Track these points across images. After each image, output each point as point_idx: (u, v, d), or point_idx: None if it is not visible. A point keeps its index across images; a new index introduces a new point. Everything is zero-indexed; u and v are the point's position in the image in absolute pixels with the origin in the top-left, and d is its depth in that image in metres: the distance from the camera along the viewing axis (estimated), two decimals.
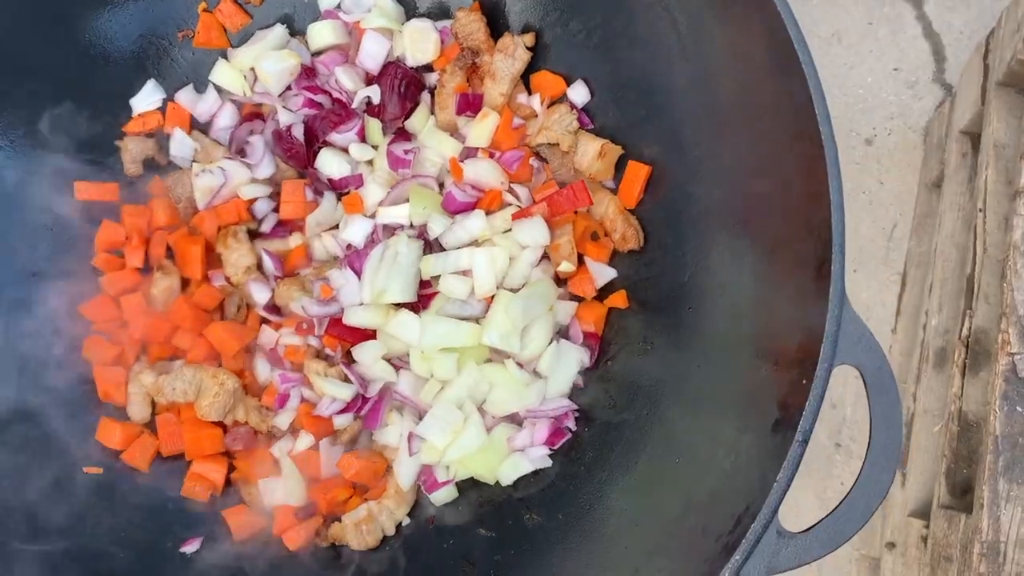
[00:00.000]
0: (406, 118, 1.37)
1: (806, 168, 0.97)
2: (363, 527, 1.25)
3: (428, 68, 1.39)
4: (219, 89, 1.41)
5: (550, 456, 1.28)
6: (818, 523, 0.91)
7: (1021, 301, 1.28)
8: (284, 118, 1.36)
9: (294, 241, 1.36)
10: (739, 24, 1.09)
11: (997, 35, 1.54)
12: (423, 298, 1.29)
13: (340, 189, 1.36)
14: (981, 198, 1.45)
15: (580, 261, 1.32)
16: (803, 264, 0.98)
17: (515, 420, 1.30)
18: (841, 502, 0.92)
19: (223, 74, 1.39)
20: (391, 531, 1.28)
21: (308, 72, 1.38)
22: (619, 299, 1.31)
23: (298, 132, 1.36)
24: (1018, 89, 1.47)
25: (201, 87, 1.42)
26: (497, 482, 1.28)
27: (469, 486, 1.31)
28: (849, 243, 1.55)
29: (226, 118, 1.39)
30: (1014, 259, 1.30)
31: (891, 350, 1.76)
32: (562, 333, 1.32)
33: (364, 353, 1.28)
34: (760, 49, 1.05)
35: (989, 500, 1.24)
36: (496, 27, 1.37)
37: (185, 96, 1.40)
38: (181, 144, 1.38)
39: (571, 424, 1.29)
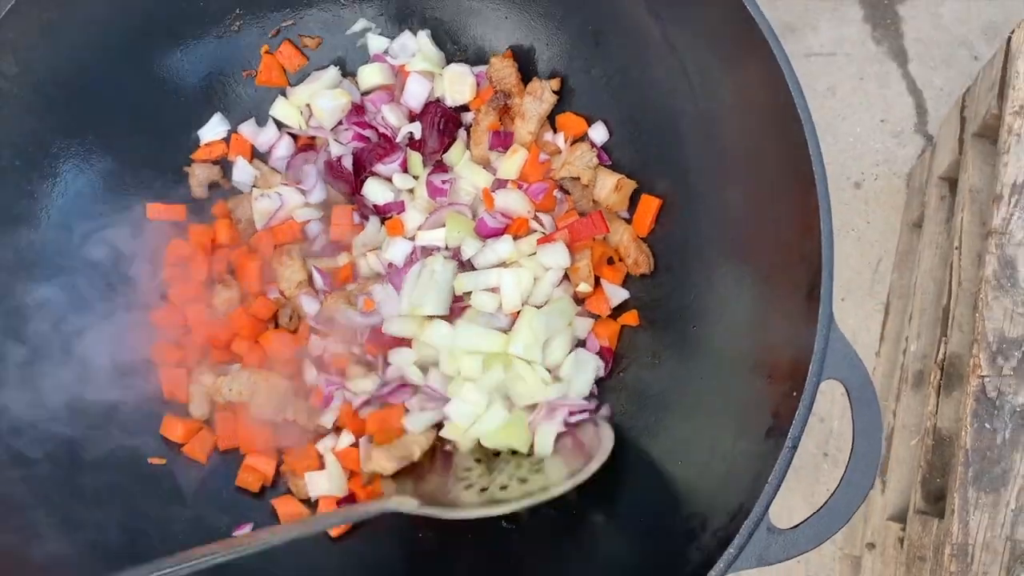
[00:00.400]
0: (444, 152, 1.45)
1: (800, 204, 1.04)
2: None
3: (464, 108, 1.47)
4: (278, 123, 1.48)
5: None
6: (804, 521, 0.97)
7: (991, 329, 1.34)
8: (335, 150, 1.45)
9: (342, 260, 1.42)
10: (745, 77, 1.16)
11: (973, 92, 1.61)
12: (455, 311, 1.36)
13: (384, 214, 1.43)
14: (957, 237, 1.51)
15: (597, 283, 1.38)
16: (796, 289, 1.04)
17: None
18: (826, 502, 0.98)
19: (281, 109, 1.47)
20: None
21: (358, 109, 1.46)
22: (631, 317, 1.37)
23: (347, 162, 1.43)
24: (991, 140, 1.54)
25: (262, 121, 1.48)
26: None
27: None
28: (838, 275, 1.63)
29: (283, 149, 1.47)
30: (985, 292, 1.36)
31: (875, 371, 1.81)
32: (579, 346, 1.38)
33: (398, 356, 1.36)
34: (763, 99, 1.10)
35: (959, 507, 1.30)
36: (526, 72, 1.45)
37: (247, 128, 1.47)
38: (243, 171, 1.46)
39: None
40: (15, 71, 1.26)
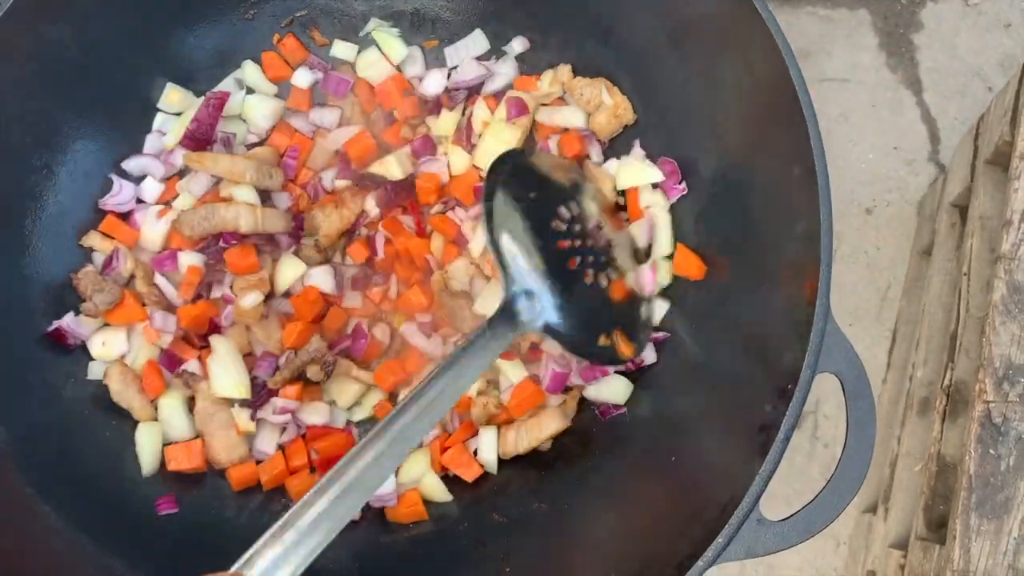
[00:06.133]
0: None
1: (805, 221, 1.06)
2: None
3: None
4: None
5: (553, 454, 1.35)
6: (794, 514, 0.98)
7: (998, 355, 1.33)
8: None
9: None
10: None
11: (987, 119, 1.62)
12: None
13: None
14: (966, 263, 1.51)
15: None
16: (798, 287, 1.06)
17: None
18: (816, 496, 0.98)
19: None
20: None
21: None
22: None
23: None
24: (1003, 167, 1.53)
25: None
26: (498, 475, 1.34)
27: (485, 478, 1.35)
28: (846, 300, 1.61)
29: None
30: (993, 317, 1.35)
31: (881, 398, 1.79)
32: None
33: None
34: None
35: (961, 533, 1.28)
36: None
37: None
38: None
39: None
40: (29, 48, 1.26)
